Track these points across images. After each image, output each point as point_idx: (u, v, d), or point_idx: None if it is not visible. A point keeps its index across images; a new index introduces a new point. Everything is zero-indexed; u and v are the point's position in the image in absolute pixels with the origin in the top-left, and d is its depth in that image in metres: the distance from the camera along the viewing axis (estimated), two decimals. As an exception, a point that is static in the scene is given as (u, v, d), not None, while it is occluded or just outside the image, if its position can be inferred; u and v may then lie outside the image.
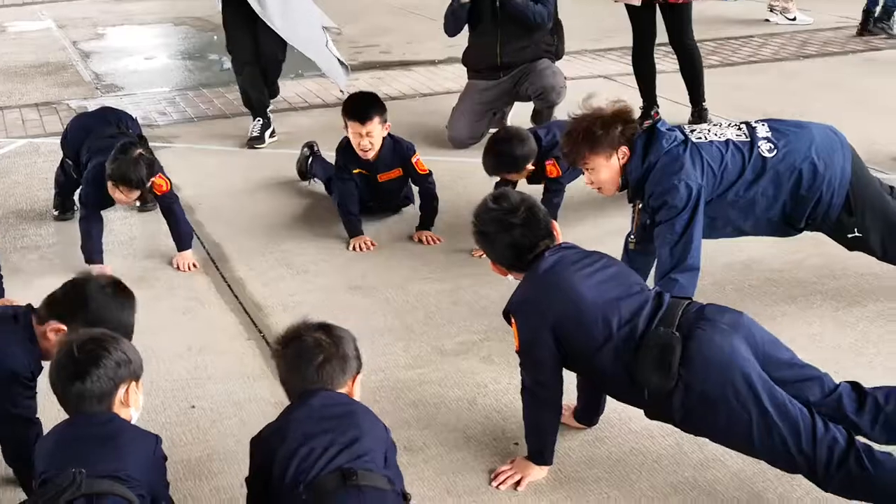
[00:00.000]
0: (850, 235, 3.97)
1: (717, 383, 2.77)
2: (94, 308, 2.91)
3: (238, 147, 6.64)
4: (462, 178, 5.76)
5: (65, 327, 2.90)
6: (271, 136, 6.78)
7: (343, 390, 2.68)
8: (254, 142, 6.65)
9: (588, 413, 3.36)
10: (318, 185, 5.74)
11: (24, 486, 3.02)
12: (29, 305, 3.06)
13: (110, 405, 2.59)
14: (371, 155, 5.08)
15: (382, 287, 4.53)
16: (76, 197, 5.24)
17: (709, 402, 2.79)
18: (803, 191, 3.83)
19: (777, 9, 10.01)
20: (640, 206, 3.85)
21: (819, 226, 3.97)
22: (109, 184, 4.60)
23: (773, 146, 3.83)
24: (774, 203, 3.86)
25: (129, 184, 4.56)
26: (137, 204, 5.28)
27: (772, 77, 7.98)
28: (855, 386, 2.92)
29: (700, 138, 3.83)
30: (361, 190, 5.17)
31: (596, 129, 3.73)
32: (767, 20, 9.98)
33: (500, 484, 3.10)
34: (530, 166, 4.81)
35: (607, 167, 3.79)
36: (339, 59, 6.78)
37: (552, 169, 4.87)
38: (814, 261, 4.44)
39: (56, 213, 5.41)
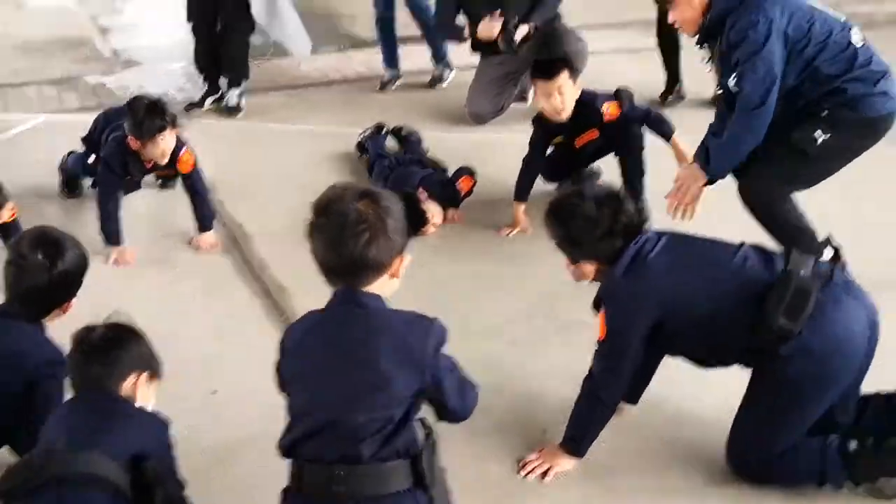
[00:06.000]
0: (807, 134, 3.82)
1: (830, 356, 2.79)
2: None
3: (259, 122, 6.58)
4: (483, 155, 5.67)
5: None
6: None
7: (386, 274, 2.42)
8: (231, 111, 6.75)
9: (633, 390, 3.25)
10: (338, 164, 5.70)
11: None
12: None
13: (118, 390, 2.61)
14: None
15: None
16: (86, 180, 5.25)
17: (811, 369, 2.79)
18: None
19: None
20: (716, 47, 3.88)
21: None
22: (135, 142, 4.51)
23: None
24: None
25: (152, 132, 4.47)
26: (159, 181, 5.24)
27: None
28: None
29: None
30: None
31: None
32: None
33: (528, 474, 3.05)
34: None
35: (689, 5, 3.87)
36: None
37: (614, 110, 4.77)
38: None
39: (66, 191, 5.35)
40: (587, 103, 4.78)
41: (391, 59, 7.26)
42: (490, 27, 6.03)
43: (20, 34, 9.26)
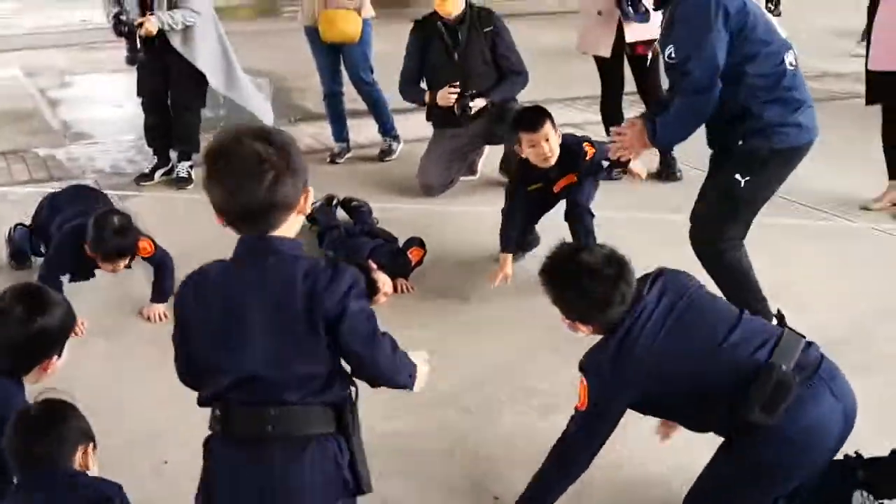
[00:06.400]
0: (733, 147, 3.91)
1: (803, 449, 2.78)
2: None
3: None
4: (433, 225, 5.75)
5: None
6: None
7: (294, 212, 2.34)
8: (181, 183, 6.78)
9: None
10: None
11: None
12: None
13: (71, 464, 2.61)
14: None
15: (357, 337, 4.48)
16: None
17: (784, 456, 2.78)
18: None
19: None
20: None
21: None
22: (91, 252, 4.52)
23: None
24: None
25: (120, 255, 4.54)
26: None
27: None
28: None
29: None
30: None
31: None
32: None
33: (481, 539, 3.05)
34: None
35: None
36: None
37: (590, 150, 4.92)
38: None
39: (13, 263, 5.34)
40: (572, 145, 4.91)
41: (339, 134, 7.37)
42: (448, 95, 6.19)
43: (-32, 107, 9.25)
